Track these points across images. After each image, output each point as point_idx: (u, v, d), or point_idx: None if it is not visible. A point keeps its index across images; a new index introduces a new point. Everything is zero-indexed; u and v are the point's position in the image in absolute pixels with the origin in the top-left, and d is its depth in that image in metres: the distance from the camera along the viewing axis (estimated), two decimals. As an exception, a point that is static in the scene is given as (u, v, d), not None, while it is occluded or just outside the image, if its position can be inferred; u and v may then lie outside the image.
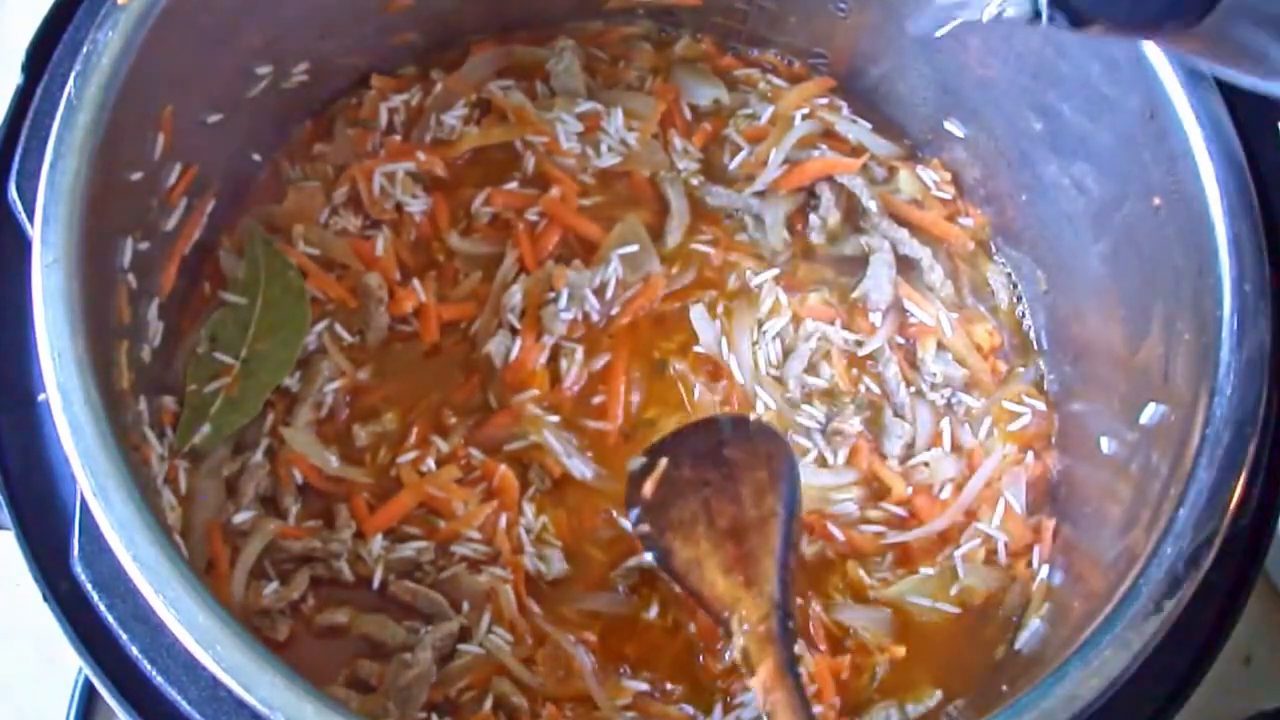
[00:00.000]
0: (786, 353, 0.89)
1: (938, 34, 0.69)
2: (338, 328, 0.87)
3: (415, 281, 0.88)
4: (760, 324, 0.90)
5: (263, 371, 0.83)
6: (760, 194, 0.94)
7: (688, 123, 0.96)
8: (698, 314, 0.90)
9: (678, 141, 0.95)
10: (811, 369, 0.89)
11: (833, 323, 0.90)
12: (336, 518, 0.82)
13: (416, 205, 0.90)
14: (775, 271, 0.92)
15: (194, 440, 0.80)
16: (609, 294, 0.89)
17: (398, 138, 0.92)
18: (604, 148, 0.94)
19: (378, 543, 0.81)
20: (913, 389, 0.89)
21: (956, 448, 0.88)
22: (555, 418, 0.86)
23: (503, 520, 0.82)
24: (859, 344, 0.90)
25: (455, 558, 0.82)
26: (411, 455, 0.84)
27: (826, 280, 0.92)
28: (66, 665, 0.88)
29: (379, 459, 0.84)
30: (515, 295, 0.88)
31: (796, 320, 0.90)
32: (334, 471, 0.83)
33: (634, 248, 0.91)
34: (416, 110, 0.94)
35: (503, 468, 0.83)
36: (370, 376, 0.86)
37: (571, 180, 0.92)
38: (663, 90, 0.96)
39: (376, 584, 0.80)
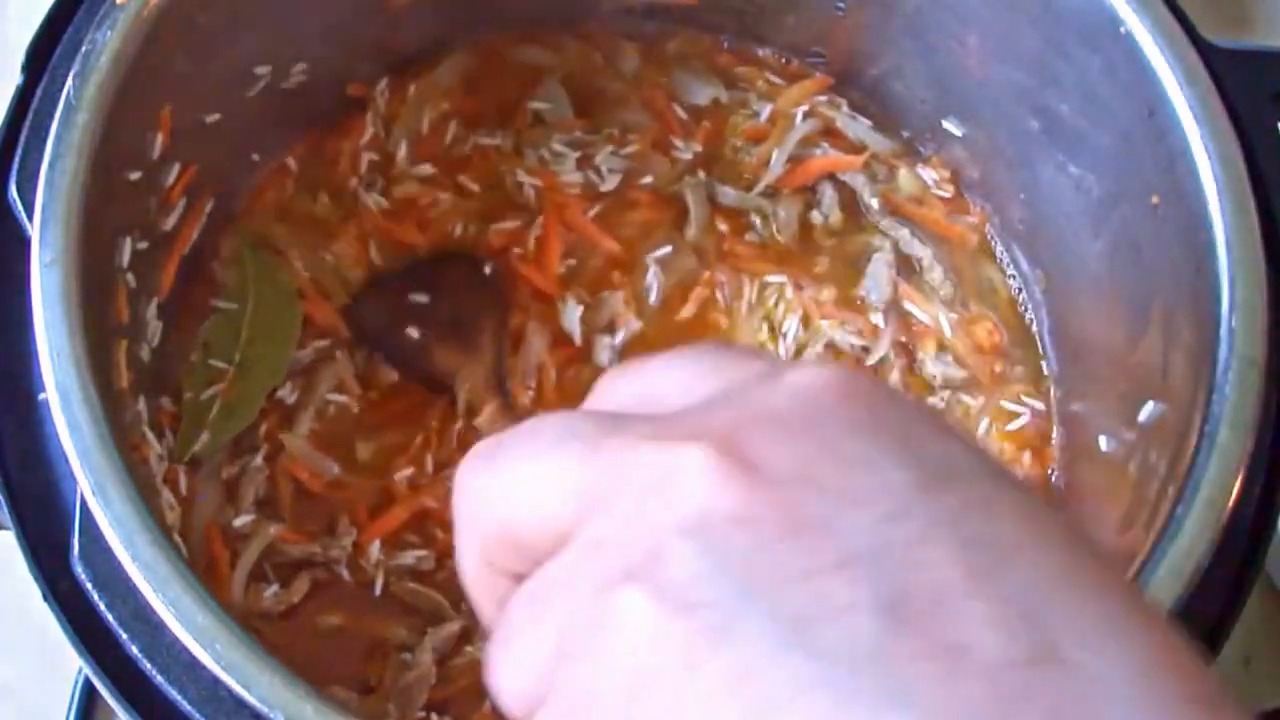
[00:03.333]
0: (798, 352, 0.89)
1: None
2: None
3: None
4: (772, 323, 0.90)
5: (258, 374, 0.83)
6: (766, 193, 0.93)
7: (685, 124, 0.95)
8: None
9: (680, 143, 0.95)
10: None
11: (839, 322, 0.90)
12: (337, 524, 0.82)
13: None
14: (785, 272, 0.91)
15: (194, 449, 0.80)
16: (652, 298, 0.89)
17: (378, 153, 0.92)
18: (605, 170, 0.93)
19: (375, 551, 0.81)
20: (910, 395, 0.89)
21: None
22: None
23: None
24: (865, 350, 0.90)
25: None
26: (407, 467, 0.84)
27: (830, 278, 0.92)
28: (67, 665, 0.88)
29: (376, 467, 0.84)
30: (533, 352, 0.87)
31: (806, 319, 0.90)
32: (334, 478, 0.83)
33: (668, 249, 0.90)
34: (393, 115, 0.93)
35: None
36: (366, 385, 0.86)
37: (580, 200, 0.91)
38: (652, 98, 0.95)
39: (378, 591, 0.80)
